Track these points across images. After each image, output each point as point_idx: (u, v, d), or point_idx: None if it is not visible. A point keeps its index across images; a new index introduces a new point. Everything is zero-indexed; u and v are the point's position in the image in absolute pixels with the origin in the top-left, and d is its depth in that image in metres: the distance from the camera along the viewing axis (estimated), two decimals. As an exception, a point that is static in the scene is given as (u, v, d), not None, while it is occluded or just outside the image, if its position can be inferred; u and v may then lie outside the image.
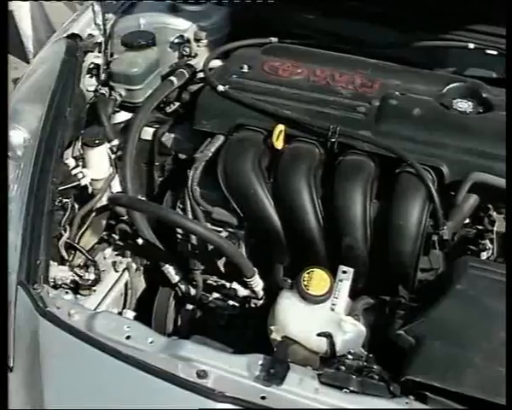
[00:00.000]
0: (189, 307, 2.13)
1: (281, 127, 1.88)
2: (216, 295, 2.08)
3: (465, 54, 2.24)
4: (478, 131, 1.89)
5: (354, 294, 1.75)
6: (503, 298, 1.53)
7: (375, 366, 1.54)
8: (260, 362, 1.54)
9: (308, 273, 1.67)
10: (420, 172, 1.77)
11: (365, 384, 1.51)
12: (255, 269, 1.88)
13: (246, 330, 2.01)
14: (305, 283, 1.66)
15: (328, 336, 1.59)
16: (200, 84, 2.18)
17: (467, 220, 1.87)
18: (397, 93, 2.00)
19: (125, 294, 2.14)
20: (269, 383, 1.50)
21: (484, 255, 1.79)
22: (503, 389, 1.44)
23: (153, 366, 1.55)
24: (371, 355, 1.58)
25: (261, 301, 1.98)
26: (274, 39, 2.30)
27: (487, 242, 1.80)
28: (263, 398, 1.50)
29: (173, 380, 1.53)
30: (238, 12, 2.42)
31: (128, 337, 1.62)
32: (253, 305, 2.02)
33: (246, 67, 2.11)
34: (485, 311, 1.53)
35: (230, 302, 2.06)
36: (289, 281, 1.70)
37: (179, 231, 1.99)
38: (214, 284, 2.08)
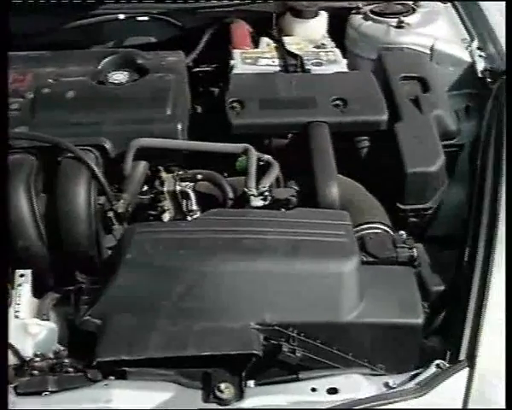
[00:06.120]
0: None
1: None
2: None
3: (118, 25, 2.25)
4: (132, 99, 1.90)
5: (42, 293, 1.70)
6: (172, 254, 1.56)
7: (66, 360, 1.51)
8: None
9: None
10: (77, 154, 1.75)
11: (62, 380, 1.48)
12: None
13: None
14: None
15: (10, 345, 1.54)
16: None
17: (145, 188, 1.89)
18: (50, 80, 1.97)
19: None
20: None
21: (166, 217, 1.81)
22: (188, 341, 1.48)
23: None
24: (61, 349, 1.55)
25: None
26: None
27: (166, 203, 1.82)
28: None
29: None
30: None
31: None
32: None
33: None
34: (158, 272, 1.54)
35: None
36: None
37: None
38: None
